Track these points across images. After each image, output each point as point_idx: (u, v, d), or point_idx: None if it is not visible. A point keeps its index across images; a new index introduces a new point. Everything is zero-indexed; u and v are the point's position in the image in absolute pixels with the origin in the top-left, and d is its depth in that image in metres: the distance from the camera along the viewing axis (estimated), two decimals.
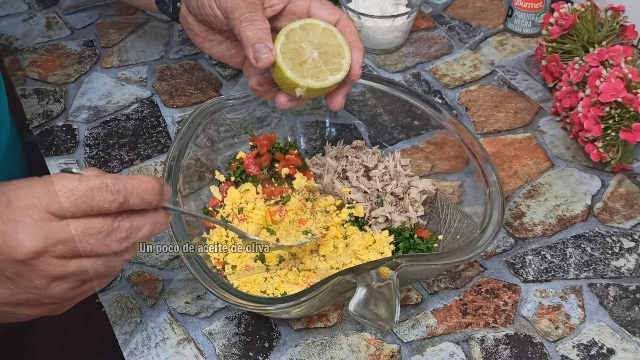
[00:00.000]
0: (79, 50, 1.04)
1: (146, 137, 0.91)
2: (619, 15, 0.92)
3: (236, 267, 0.72)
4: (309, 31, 0.69)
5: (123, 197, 0.53)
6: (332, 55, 0.68)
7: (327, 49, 0.68)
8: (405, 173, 0.81)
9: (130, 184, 0.53)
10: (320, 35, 0.69)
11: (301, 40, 0.68)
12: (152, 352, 0.70)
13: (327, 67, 0.68)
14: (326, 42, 0.69)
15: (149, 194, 0.54)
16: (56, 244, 0.51)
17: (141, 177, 0.54)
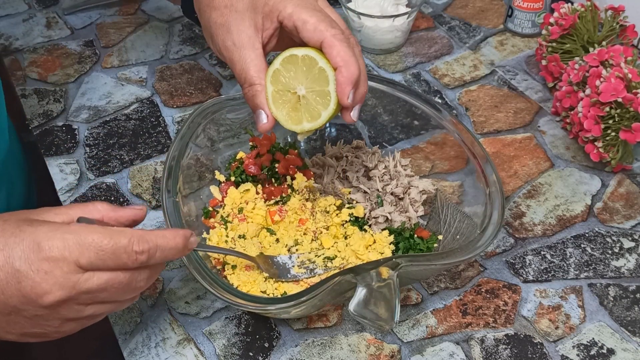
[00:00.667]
0: (79, 50, 1.04)
1: (146, 137, 0.91)
2: (619, 15, 0.92)
3: (236, 267, 0.72)
4: (291, 65, 0.65)
5: (147, 257, 0.55)
6: (319, 84, 0.64)
7: (312, 79, 0.64)
8: (405, 173, 0.81)
9: (155, 243, 0.56)
10: (301, 65, 0.64)
11: (286, 80, 0.65)
12: (152, 352, 0.70)
13: (316, 101, 0.65)
14: (309, 71, 0.64)
15: (172, 252, 0.57)
16: (80, 294, 0.54)
17: (167, 235, 0.57)
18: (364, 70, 0.65)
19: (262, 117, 0.66)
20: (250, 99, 0.67)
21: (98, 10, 1.11)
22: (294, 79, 0.65)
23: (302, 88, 0.65)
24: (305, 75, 0.64)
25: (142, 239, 0.55)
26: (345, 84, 0.62)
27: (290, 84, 0.65)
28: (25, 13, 1.11)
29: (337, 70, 0.63)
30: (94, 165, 0.88)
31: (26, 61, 1.02)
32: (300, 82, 0.65)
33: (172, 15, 1.10)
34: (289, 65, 0.65)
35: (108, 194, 0.84)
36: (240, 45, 0.66)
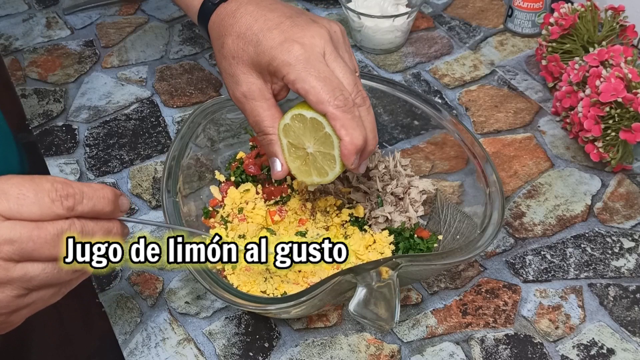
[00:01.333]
0: (79, 50, 1.04)
1: (146, 137, 0.91)
2: (619, 15, 0.92)
3: (236, 267, 0.72)
4: (300, 123, 0.65)
5: (72, 201, 0.51)
6: (325, 147, 0.65)
7: (319, 142, 0.65)
8: (405, 173, 0.81)
9: (80, 189, 0.52)
10: (309, 125, 0.65)
11: (296, 135, 0.66)
12: (152, 352, 0.70)
13: (323, 161, 0.66)
14: (315, 133, 0.65)
15: (101, 202, 0.53)
16: (1, 244, 0.49)
17: (94, 185, 0.54)
18: (370, 137, 0.65)
19: (277, 165, 0.68)
20: (265, 148, 0.68)
21: (98, 10, 1.11)
22: (302, 136, 0.66)
23: (311, 146, 0.66)
24: (313, 136, 0.65)
25: (66, 184, 0.52)
26: (348, 155, 0.63)
27: (300, 139, 0.66)
28: (25, 13, 1.11)
29: (341, 142, 0.63)
30: (94, 165, 0.88)
31: (26, 61, 1.02)
32: (309, 140, 0.66)
33: (172, 15, 1.10)
34: (297, 122, 0.65)
35: None
36: (251, 96, 0.67)
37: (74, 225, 0.51)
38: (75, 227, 0.52)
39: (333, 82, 0.63)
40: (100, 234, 0.54)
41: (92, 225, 0.53)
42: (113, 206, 0.54)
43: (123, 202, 0.56)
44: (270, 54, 0.64)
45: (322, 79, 0.63)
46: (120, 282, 0.76)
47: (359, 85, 0.65)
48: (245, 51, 0.66)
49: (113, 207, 0.54)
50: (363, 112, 0.64)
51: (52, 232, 0.50)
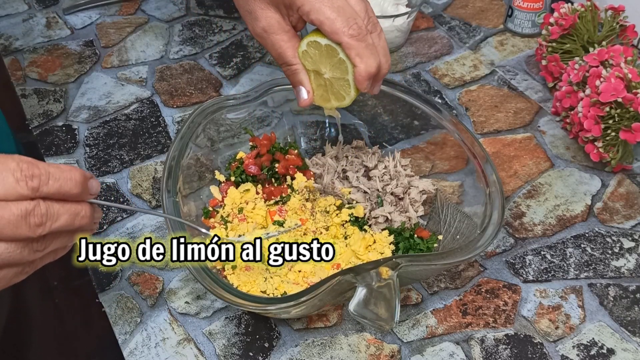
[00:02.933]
0: (79, 50, 1.04)
1: (146, 137, 0.91)
2: (619, 15, 0.92)
3: (236, 267, 0.72)
4: (316, 50, 0.68)
5: (37, 181, 0.50)
6: (340, 72, 0.68)
7: (334, 67, 0.68)
8: (405, 173, 0.81)
9: (47, 170, 0.51)
10: (324, 52, 0.68)
11: (313, 61, 0.69)
12: (152, 352, 0.70)
13: (339, 85, 0.69)
14: (330, 59, 0.68)
15: (68, 184, 0.52)
16: None
17: (62, 167, 0.52)
18: (383, 62, 0.67)
19: (303, 93, 0.70)
20: (291, 77, 0.70)
21: (98, 10, 1.11)
22: (319, 62, 0.68)
23: (327, 72, 0.68)
24: (329, 62, 0.68)
25: (32, 163, 0.50)
26: (362, 80, 0.66)
27: (317, 65, 0.68)
28: (25, 13, 1.11)
29: (355, 69, 0.66)
30: (94, 165, 0.88)
31: (26, 61, 1.02)
32: (325, 66, 0.68)
33: (172, 15, 1.10)
34: (313, 49, 0.68)
35: (108, 194, 0.84)
36: (271, 30, 0.69)
37: (38, 207, 0.50)
38: (40, 208, 0.50)
39: (346, 12, 0.65)
40: (67, 216, 0.52)
41: (57, 207, 0.52)
42: (81, 188, 0.53)
43: (93, 185, 0.54)
44: None
45: (335, 9, 0.65)
46: (120, 282, 0.76)
47: (370, 12, 0.68)
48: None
49: (81, 189, 0.53)
50: (375, 39, 0.67)
51: (15, 213, 0.49)
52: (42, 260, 0.54)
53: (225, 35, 1.06)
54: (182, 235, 0.65)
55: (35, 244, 0.52)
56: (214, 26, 1.08)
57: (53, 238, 0.53)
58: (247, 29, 1.07)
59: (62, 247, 0.55)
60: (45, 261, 0.55)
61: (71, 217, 0.53)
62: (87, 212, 0.54)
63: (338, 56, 0.67)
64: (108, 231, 0.81)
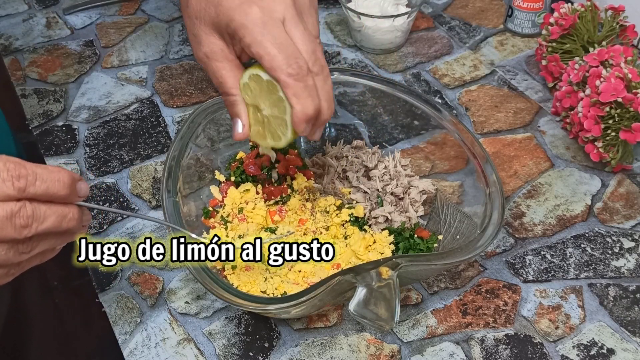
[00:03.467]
0: (79, 50, 1.04)
1: (146, 137, 0.91)
2: (619, 15, 0.92)
3: (236, 267, 0.72)
4: (257, 84, 0.65)
5: (24, 182, 0.49)
6: (279, 110, 0.64)
7: (273, 104, 0.64)
8: (405, 173, 0.81)
9: (34, 170, 0.50)
10: (265, 87, 0.64)
11: (253, 95, 0.66)
12: (152, 352, 0.70)
13: (276, 125, 0.66)
14: (270, 95, 0.64)
15: (55, 185, 0.51)
16: None
17: (50, 167, 0.52)
18: (324, 107, 0.64)
19: (239, 126, 0.67)
20: (229, 108, 0.67)
21: (98, 10, 1.11)
22: (258, 97, 0.65)
23: (266, 108, 0.65)
24: (268, 98, 0.64)
25: (19, 164, 0.50)
26: (298, 122, 0.63)
27: (256, 100, 0.65)
28: (25, 13, 1.11)
29: (292, 110, 0.62)
30: (94, 165, 0.88)
31: (26, 61, 1.02)
32: (264, 102, 0.65)
33: (172, 15, 1.10)
34: (254, 83, 0.65)
35: (108, 194, 0.84)
36: (213, 57, 0.66)
37: (24, 208, 0.50)
38: (26, 209, 0.50)
39: (288, 50, 0.62)
40: (54, 218, 0.52)
41: (44, 209, 0.51)
42: (69, 190, 0.52)
43: (81, 187, 0.54)
44: (228, 15, 0.63)
45: (277, 45, 0.62)
46: (120, 282, 0.76)
47: (318, 53, 0.64)
48: (207, 11, 0.65)
49: (69, 191, 0.52)
50: (319, 81, 0.63)
51: (0, 214, 0.49)
52: (29, 263, 0.54)
53: None
54: (182, 236, 0.65)
55: (21, 246, 0.51)
56: None
57: (40, 240, 0.52)
58: None
59: (49, 250, 0.54)
60: (32, 263, 0.54)
61: (58, 219, 0.52)
62: (74, 214, 0.53)
63: (278, 94, 0.63)
64: (108, 231, 0.81)
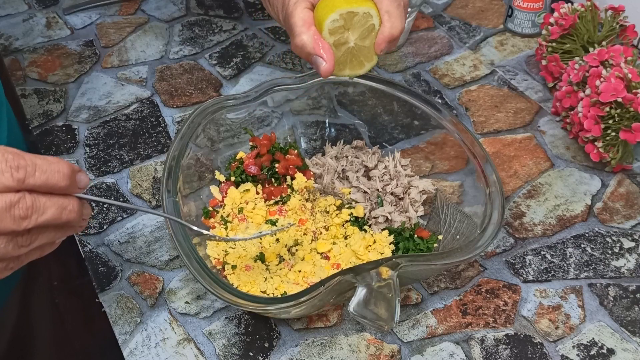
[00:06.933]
0: (79, 50, 1.04)
1: (146, 137, 0.91)
2: (619, 15, 0.92)
3: (236, 267, 0.72)
4: (347, 20, 0.68)
5: (23, 173, 0.49)
6: (370, 40, 0.68)
7: (364, 35, 0.68)
8: (405, 173, 0.81)
9: (33, 161, 0.50)
10: (359, 21, 0.68)
11: (340, 29, 0.68)
12: (152, 352, 0.70)
13: (363, 54, 0.69)
14: (361, 28, 0.68)
15: (55, 176, 0.51)
16: None
17: (49, 159, 0.51)
18: (403, 30, 0.69)
19: (320, 62, 0.68)
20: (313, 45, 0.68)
21: (98, 10, 1.11)
22: (350, 30, 0.68)
23: (354, 40, 0.69)
24: (359, 30, 0.68)
25: (18, 155, 0.49)
26: (383, 40, 0.68)
27: (343, 35, 0.69)
28: (25, 13, 1.11)
29: (381, 25, 0.68)
30: (94, 165, 0.88)
31: (26, 61, 1.02)
32: (354, 34, 0.68)
33: (172, 15, 1.10)
34: (344, 20, 0.68)
35: (108, 194, 0.84)
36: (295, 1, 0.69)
37: (23, 199, 0.49)
38: (26, 200, 0.49)
39: None
40: (53, 209, 0.51)
41: (44, 200, 0.50)
42: (69, 181, 0.52)
43: (81, 179, 0.53)
44: None
45: None
46: (120, 282, 0.76)
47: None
48: None
49: (69, 182, 0.51)
50: (405, 10, 0.69)
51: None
52: (28, 256, 0.53)
53: (225, 35, 1.06)
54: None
55: (20, 239, 0.50)
56: (214, 26, 1.08)
57: (39, 233, 0.51)
58: (247, 29, 1.07)
59: (49, 243, 0.53)
60: (31, 257, 0.53)
61: (58, 210, 0.51)
62: (74, 206, 0.53)
63: (371, 21, 0.67)
64: (108, 231, 0.81)
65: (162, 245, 0.79)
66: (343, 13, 0.67)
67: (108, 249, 0.79)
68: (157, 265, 0.77)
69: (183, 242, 0.66)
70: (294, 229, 0.75)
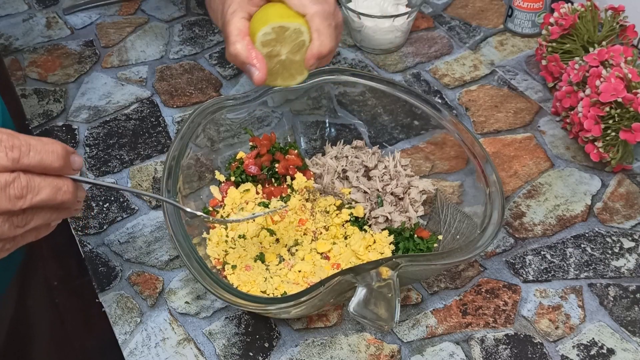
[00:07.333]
0: (79, 50, 1.04)
1: (146, 137, 0.91)
2: (619, 15, 0.92)
3: (236, 267, 0.72)
4: (279, 34, 0.70)
5: (18, 152, 0.49)
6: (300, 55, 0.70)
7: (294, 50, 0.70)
8: (405, 173, 0.81)
9: (27, 141, 0.50)
10: (290, 36, 0.70)
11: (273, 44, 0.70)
12: (152, 352, 0.70)
13: (294, 68, 0.71)
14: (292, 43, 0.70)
15: (50, 156, 0.51)
16: None
17: (43, 139, 0.51)
18: (334, 50, 0.71)
19: (253, 70, 0.70)
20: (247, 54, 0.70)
21: (98, 10, 1.11)
22: (280, 44, 0.70)
23: (285, 53, 0.70)
24: (290, 44, 0.70)
25: (13, 135, 0.49)
26: (311, 57, 0.70)
27: (275, 48, 0.70)
28: (25, 13, 1.11)
29: (310, 43, 0.69)
30: (94, 165, 0.88)
31: (26, 61, 1.02)
32: (285, 48, 0.70)
33: (172, 15, 1.10)
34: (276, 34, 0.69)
35: (108, 194, 0.84)
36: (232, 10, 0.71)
37: (18, 179, 0.49)
38: (21, 180, 0.50)
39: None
40: (48, 190, 0.51)
41: (38, 180, 0.51)
42: (63, 162, 0.52)
43: (75, 160, 0.53)
44: None
45: None
46: (120, 282, 0.76)
47: (338, 9, 0.73)
48: None
49: (63, 162, 0.52)
50: (337, 28, 0.71)
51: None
52: (24, 238, 0.53)
53: None
54: None
55: (16, 219, 0.51)
56: (214, 26, 1.08)
57: (34, 213, 0.52)
58: None
59: (44, 225, 0.54)
60: (26, 239, 0.54)
61: (53, 190, 0.51)
62: (69, 187, 0.53)
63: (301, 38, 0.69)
64: (108, 231, 0.81)
65: (162, 245, 0.79)
66: (275, 27, 0.69)
67: (108, 249, 0.79)
68: (157, 265, 0.77)
69: (183, 242, 0.66)
70: (294, 228, 0.75)
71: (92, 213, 0.82)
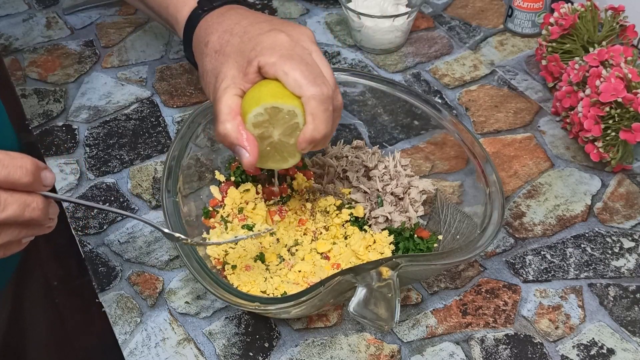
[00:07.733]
0: (79, 50, 1.04)
1: (146, 137, 0.91)
2: (619, 15, 0.92)
3: (236, 267, 0.72)
4: (272, 115, 0.64)
5: None
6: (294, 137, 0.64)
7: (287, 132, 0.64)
8: (405, 173, 0.81)
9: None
10: (283, 117, 0.63)
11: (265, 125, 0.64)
12: (152, 352, 0.70)
13: (287, 151, 0.66)
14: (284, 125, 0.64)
15: (17, 172, 0.49)
16: None
17: (12, 154, 0.50)
18: (329, 136, 0.65)
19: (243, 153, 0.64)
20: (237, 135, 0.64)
21: (98, 10, 1.11)
22: (273, 125, 0.64)
23: (277, 135, 0.65)
24: (283, 126, 0.64)
25: None
26: (304, 141, 0.63)
27: (268, 130, 0.65)
28: (25, 13, 1.11)
29: (304, 126, 0.63)
30: (94, 165, 0.88)
31: (26, 61, 1.02)
32: (278, 129, 0.64)
33: None
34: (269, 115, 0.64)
35: (108, 194, 0.84)
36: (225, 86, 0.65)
37: None
38: None
39: (315, 71, 0.62)
40: (15, 206, 0.50)
41: (5, 196, 0.49)
42: (32, 177, 0.50)
43: (46, 176, 0.52)
44: (255, 40, 0.64)
45: (304, 65, 0.62)
46: (120, 282, 0.76)
47: (338, 91, 0.65)
48: (229, 42, 0.66)
49: (32, 178, 0.50)
50: (335, 114, 0.64)
51: None
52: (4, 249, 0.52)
53: None
54: None
55: None
56: None
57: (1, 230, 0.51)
58: None
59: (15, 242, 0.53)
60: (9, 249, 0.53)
61: (20, 207, 0.50)
62: (38, 204, 0.51)
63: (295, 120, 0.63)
64: (108, 231, 0.81)
65: (162, 245, 0.79)
66: (268, 107, 0.63)
67: (108, 249, 0.79)
68: (157, 265, 0.77)
69: None
70: (294, 228, 0.75)
71: (92, 213, 0.82)
